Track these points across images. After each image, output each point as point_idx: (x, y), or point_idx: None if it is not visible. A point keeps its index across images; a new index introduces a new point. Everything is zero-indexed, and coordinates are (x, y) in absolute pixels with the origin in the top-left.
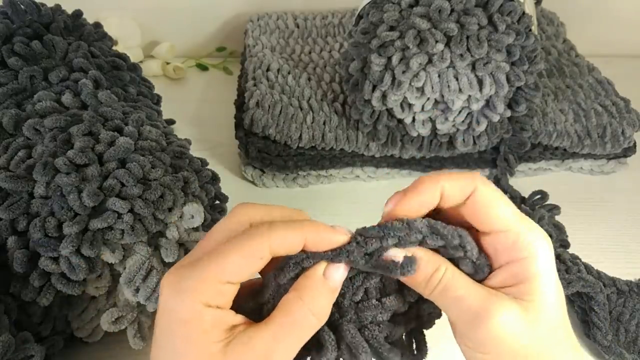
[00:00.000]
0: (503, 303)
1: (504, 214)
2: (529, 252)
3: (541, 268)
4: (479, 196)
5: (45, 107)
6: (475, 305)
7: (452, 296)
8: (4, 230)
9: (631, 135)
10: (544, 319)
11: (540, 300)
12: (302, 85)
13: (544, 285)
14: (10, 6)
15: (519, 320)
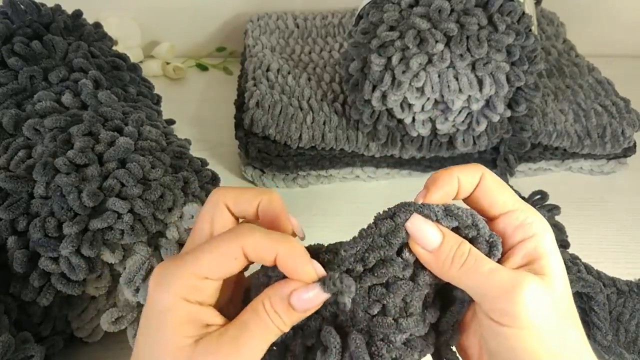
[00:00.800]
0: (530, 278)
1: (510, 196)
2: (537, 230)
3: (549, 245)
4: (487, 182)
5: (45, 107)
6: (507, 278)
7: (483, 270)
8: (4, 230)
9: (631, 135)
10: (556, 292)
11: (553, 275)
12: (302, 85)
13: (554, 262)
14: (10, 6)
15: (544, 293)
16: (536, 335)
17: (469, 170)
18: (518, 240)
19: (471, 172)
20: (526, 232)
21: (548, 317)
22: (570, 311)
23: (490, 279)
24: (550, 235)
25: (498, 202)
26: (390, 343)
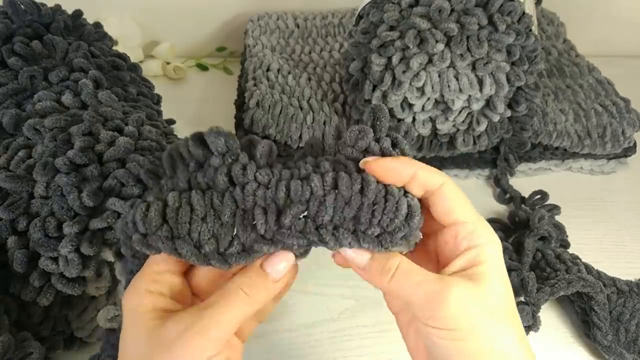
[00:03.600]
0: (457, 281)
1: (464, 208)
2: (482, 241)
3: (491, 254)
4: (447, 189)
5: (45, 107)
6: (434, 285)
7: (412, 281)
8: (4, 230)
9: (631, 135)
10: (494, 297)
11: (488, 280)
12: (302, 85)
13: (494, 269)
14: (10, 6)
15: (473, 296)
16: (467, 337)
17: (433, 172)
18: (463, 248)
19: (434, 174)
20: (471, 242)
21: (479, 319)
22: (508, 313)
23: (419, 289)
24: (494, 246)
25: (457, 210)
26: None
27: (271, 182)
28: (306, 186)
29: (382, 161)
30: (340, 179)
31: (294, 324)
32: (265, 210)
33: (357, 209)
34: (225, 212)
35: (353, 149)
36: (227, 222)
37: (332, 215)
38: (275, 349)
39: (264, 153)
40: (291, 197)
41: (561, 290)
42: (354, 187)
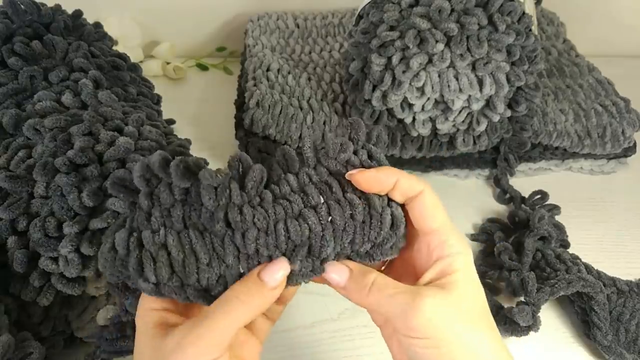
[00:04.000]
0: (430, 291)
1: (440, 217)
2: (454, 250)
3: (462, 263)
4: (427, 197)
5: (45, 107)
6: (407, 297)
7: (386, 294)
8: (4, 230)
9: (631, 135)
10: (464, 303)
11: (459, 288)
12: (302, 85)
13: (465, 277)
14: (10, 6)
15: (446, 304)
16: (445, 344)
17: (413, 180)
18: (436, 257)
19: (414, 182)
20: (443, 252)
21: (454, 325)
22: (482, 317)
23: (394, 301)
24: (465, 255)
25: (430, 219)
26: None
27: (269, 227)
28: (304, 225)
29: (366, 173)
30: (332, 210)
31: (294, 324)
32: (271, 257)
33: (352, 233)
34: (228, 256)
35: (335, 161)
36: (232, 264)
37: (334, 246)
38: (275, 349)
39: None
40: (292, 239)
41: (561, 290)
42: (345, 214)
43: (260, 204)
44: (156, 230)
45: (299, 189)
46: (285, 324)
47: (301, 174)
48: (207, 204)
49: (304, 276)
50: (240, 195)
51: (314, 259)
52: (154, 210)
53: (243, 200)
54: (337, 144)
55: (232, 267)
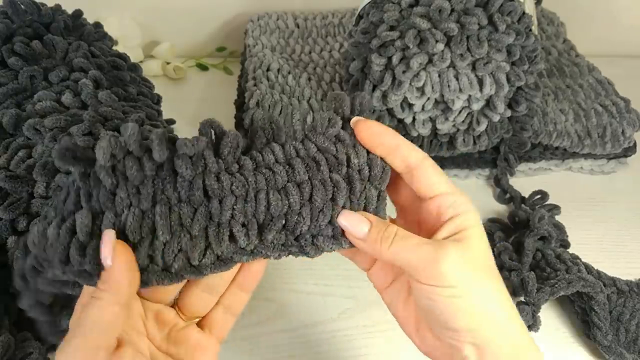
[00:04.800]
0: (450, 246)
1: (445, 181)
2: (466, 209)
3: (474, 220)
4: (428, 165)
5: (45, 107)
6: (431, 247)
7: (410, 244)
8: (4, 230)
9: (631, 135)
10: (479, 254)
11: (476, 241)
12: (302, 85)
13: (476, 233)
14: (10, 6)
15: (463, 256)
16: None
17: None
18: (449, 216)
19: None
20: (457, 210)
21: (472, 277)
22: (492, 271)
23: (418, 251)
24: (474, 213)
25: (434, 185)
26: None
27: (249, 195)
28: (284, 200)
29: (372, 124)
30: (315, 191)
31: (294, 324)
32: (245, 224)
33: (330, 215)
34: (194, 227)
35: (324, 137)
36: (198, 235)
37: (309, 225)
38: (275, 349)
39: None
40: (271, 212)
41: (561, 290)
42: (327, 196)
43: (239, 172)
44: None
45: (285, 161)
46: (285, 324)
47: (288, 146)
48: (185, 173)
49: (275, 249)
50: (217, 163)
51: (287, 234)
52: (119, 190)
53: (219, 168)
54: (325, 118)
55: (196, 238)
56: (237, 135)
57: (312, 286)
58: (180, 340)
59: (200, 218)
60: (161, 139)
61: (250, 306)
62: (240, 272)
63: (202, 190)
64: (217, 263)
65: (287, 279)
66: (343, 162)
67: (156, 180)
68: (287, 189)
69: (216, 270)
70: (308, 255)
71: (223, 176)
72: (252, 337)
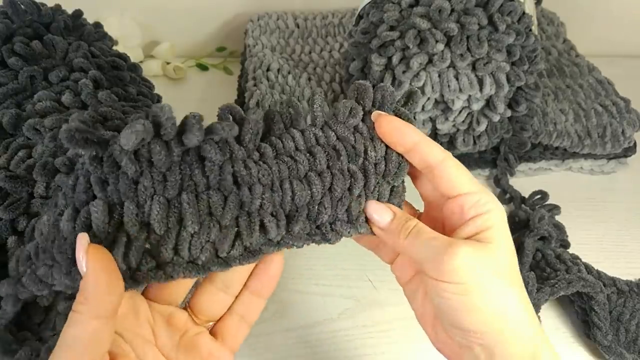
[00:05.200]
0: (464, 243)
1: (469, 179)
2: (489, 208)
3: (498, 220)
4: (449, 164)
5: (45, 107)
6: (444, 242)
7: (425, 237)
8: (4, 230)
9: (631, 135)
10: (499, 256)
11: (497, 241)
12: (302, 85)
13: (499, 233)
14: (10, 6)
15: (480, 254)
16: (473, 291)
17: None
18: (471, 216)
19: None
20: (478, 210)
21: (485, 276)
22: (512, 274)
23: (430, 244)
24: (499, 212)
25: (461, 182)
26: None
27: (274, 184)
28: (307, 189)
29: (392, 119)
30: (336, 180)
31: (294, 324)
32: (274, 214)
33: (347, 204)
34: (226, 216)
35: (344, 126)
36: (229, 225)
37: (330, 213)
38: (276, 349)
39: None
40: (296, 202)
41: (561, 290)
42: (345, 186)
43: (261, 159)
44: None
45: (306, 148)
46: (285, 324)
47: (308, 133)
48: (215, 158)
49: (301, 239)
50: (240, 150)
51: (310, 223)
52: (143, 178)
53: (244, 155)
54: (348, 107)
55: (226, 228)
56: (257, 122)
57: (312, 286)
58: (192, 349)
59: (233, 207)
60: (199, 121)
61: None
62: (256, 278)
63: (232, 176)
64: (245, 254)
65: (287, 279)
66: (360, 153)
67: (183, 166)
68: (309, 178)
69: (244, 262)
70: (330, 241)
71: (250, 163)
72: (252, 337)
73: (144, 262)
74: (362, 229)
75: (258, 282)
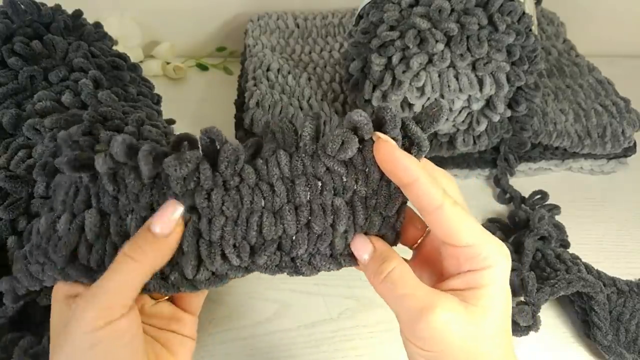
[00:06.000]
0: (447, 301)
1: (471, 230)
2: (489, 264)
3: (493, 278)
4: (446, 213)
5: (45, 107)
6: (420, 301)
7: (398, 293)
8: (4, 230)
9: (631, 135)
10: (487, 323)
11: (486, 306)
12: (302, 85)
13: (492, 294)
14: (10, 6)
15: (461, 319)
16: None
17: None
18: (466, 269)
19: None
20: (475, 265)
21: (464, 346)
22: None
23: (404, 302)
24: (499, 270)
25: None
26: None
27: (240, 216)
28: (279, 224)
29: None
30: (314, 217)
31: (294, 324)
32: (236, 246)
33: (330, 240)
34: (184, 242)
35: (334, 160)
36: (188, 251)
37: (306, 248)
38: (276, 349)
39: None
40: (264, 236)
41: (561, 290)
42: (326, 223)
43: (238, 185)
44: (124, 217)
45: (289, 177)
46: (285, 324)
47: (295, 159)
48: (175, 189)
49: (268, 269)
50: (213, 177)
51: (283, 254)
52: (120, 195)
53: (215, 183)
54: (338, 141)
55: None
56: (235, 150)
57: (312, 286)
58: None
59: (188, 235)
60: (147, 157)
61: (250, 306)
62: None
63: (189, 207)
64: (213, 279)
65: (287, 279)
66: (350, 188)
67: (154, 190)
68: (282, 212)
69: (212, 286)
70: (303, 275)
71: (215, 194)
72: (252, 337)
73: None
74: (346, 263)
75: None
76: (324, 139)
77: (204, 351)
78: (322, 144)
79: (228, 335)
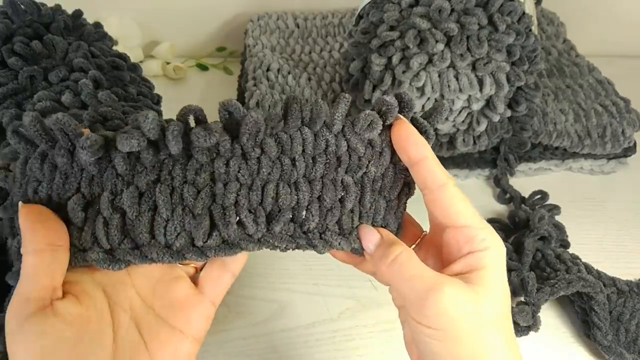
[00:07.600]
0: (453, 282)
1: (470, 212)
2: (486, 246)
3: (493, 261)
4: (449, 191)
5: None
6: (427, 282)
7: (406, 275)
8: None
9: (631, 135)
10: (489, 304)
11: (488, 287)
12: (302, 85)
13: (493, 276)
14: (10, 6)
15: (466, 299)
16: (456, 339)
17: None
18: (465, 252)
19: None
20: (474, 247)
21: (469, 323)
22: (498, 321)
23: (411, 283)
24: (497, 252)
25: (454, 214)
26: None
27: (255, 183)
28: (294, 194)
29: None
30: (325, 190)
31: (294, 324)
32: (252, 211)
33: (338, 216)
34: (197, 205)
35: (358, 137)
36: (201, 214)
37: (318, 221)
38: (276, 349)
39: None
40: (279, 204)
41: (561, 290)
42: (336, 197)
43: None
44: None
45: (311, 154)
46: (285, 324)
47: (320, 138)
48: (201, 159)
49: (283, 240)
50: (232, 149)
51: (295, 227)
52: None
53: (233, 153)
54: (368, 120)
55: (199, 217)
56: (256, 123)
57: (312, 286)
58: (167, 292)
59: (205, 197)
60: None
61: (250, 306)
62: None
63: (209, 174)
64: (222, 246)
65: (287, 279)
66: (363, 166)
67: (167, 160)
68: (298, 184)
69: (221, 254)
70: (316, 249)
71: (233, 162)
72: (252, 337)
73: (124, 243)
74: (355, 244)
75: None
76: (351, 118)
77: (204, 351)
78: (351, 121)
79: (228, 335)
